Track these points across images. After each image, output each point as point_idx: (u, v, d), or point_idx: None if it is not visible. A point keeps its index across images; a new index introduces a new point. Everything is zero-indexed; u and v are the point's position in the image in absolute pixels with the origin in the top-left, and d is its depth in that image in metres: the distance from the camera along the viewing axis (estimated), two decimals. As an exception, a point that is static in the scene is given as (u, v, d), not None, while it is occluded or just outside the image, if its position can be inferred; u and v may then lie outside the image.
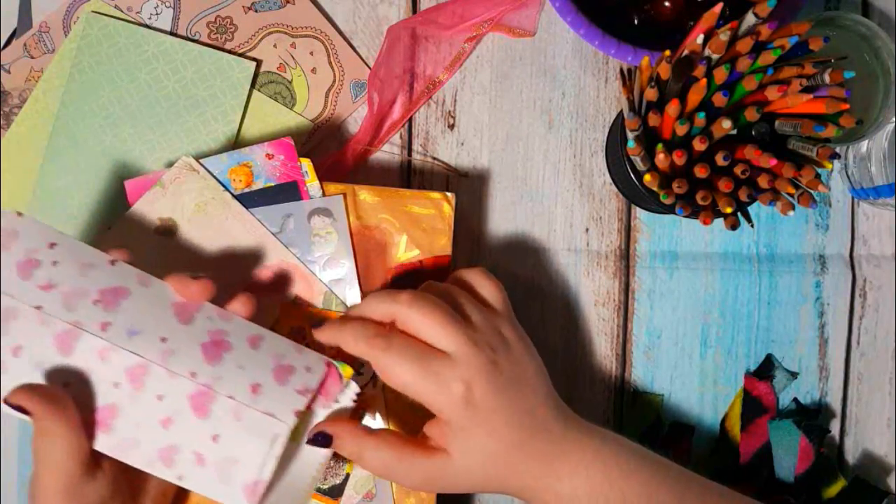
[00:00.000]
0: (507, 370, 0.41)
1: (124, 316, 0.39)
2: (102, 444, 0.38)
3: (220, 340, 0.40)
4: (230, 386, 0.39)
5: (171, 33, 0.51)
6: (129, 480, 0.40)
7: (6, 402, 0.36)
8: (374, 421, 0.48)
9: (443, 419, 0.41)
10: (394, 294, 0.41)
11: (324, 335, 0.42)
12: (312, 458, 0.41)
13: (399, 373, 0.40)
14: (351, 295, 0.47)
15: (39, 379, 0.37)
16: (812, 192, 0.40)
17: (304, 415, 0.41)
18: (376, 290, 0.45)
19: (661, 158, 0.41)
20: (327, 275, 0.47)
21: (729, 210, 0.41)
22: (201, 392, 0.39)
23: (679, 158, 0.40)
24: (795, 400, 0.54)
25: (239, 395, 0.39)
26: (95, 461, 0.38)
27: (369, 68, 0.52)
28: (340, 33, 0.52)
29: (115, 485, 0.39)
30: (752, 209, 0.44)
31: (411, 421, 0.48)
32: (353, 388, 0.43)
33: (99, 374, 0.38)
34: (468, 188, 0.53)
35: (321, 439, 0.41)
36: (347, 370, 0.42)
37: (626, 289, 0.54)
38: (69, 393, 0.37)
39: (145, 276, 0.40)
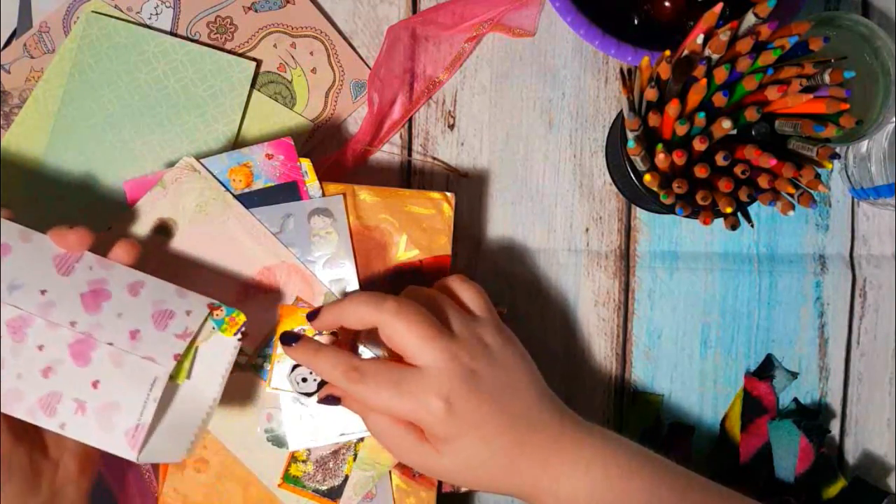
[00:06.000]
0: (489, 377, 0.41)
1: (5, 272, 0.40)
2: None
3: (99, 290, 0.41)
4: (109, 333, 0.40)
5: (171, 33, 0.51)
6: (34, 433, 0.40)
7: None
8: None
9: (431, 432, 0.41)
10: (378, 300, 0.41)
11: (297, 355, 0.43)
12: (200, 401, 0.42)
13: (378, 400, 0.41)
14: (351, 295, 0.47)
15: None
16: (812, 192, 0.40)
17: (186, 356, 0.42)
18: (358, 291, 0.45)
19: (661, 158, 0.41)
20: (327, 275, 0.47)
21: (729, 210, 0.41)
22: (80, 340, 0.40)
23: (679, 158, 0.40)
24: (795, 400, 0.54)
25: (118, 342, 0.40)
26: None
27: (369, 68, 0.52)
28: (340, 33, 0.52)
29: (13, 435, 0.39)
30: (752, 209, 0.44)
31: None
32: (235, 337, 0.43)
33: None
34: (468, 188, 0.53)
35: (330, 400, 0.43)
36: (241, 317, 0.43)
37: (626, 289, 0.54)
38: None
39: (27, 231, 0.41)
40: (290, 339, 0.44)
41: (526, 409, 0.42)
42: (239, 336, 0.43)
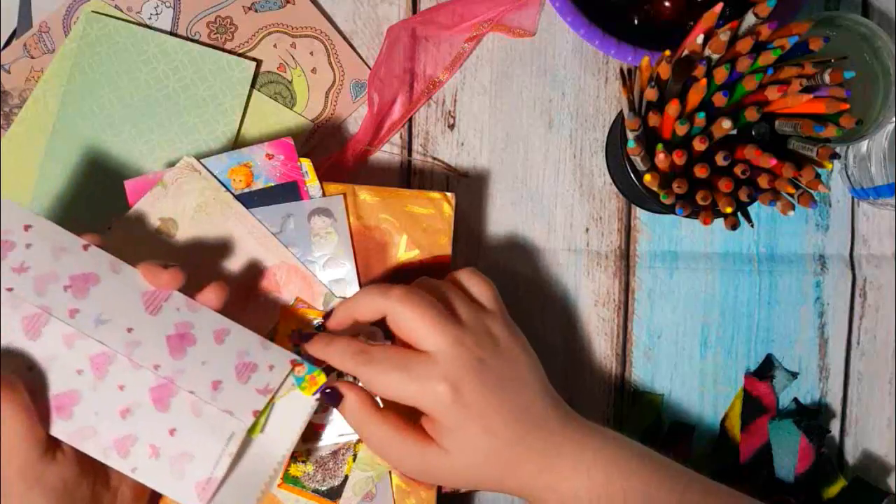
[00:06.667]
0: (496, 368, 0.41)
1: (93, 303, 0.39)
2: (60, 429, 0.38)
3: (185, 333, 0.40)
4: (192, 381, 0.40)
5: (171, 33, 0.51)
6: (98, 465, 0.40)
7: None
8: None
9: (435, 419, 0.41)
10: (385, 290, 0.42)
11: (312, 349, 0.44)
12: (270, 456, 0.41)
13: (384, 383, 0.41)
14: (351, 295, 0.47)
15: (4, 360, 0.38)
16: (812, 192, 0.40)
17: (263, 411, 0.41)
18: (369, 284, 0.46)
19: (661, 158, 0.41)
20: (327, 275, 0.47)
21: (729, 210, 0.41)
22: (162, 385, 0.39)
23: (679, 158, 0.40)
24: (795, 400, 0.54)
25: (199, 391, 0.40)
26: (55, 445, 0.38)
27: (369, 68, 0.52)
28: (340, 33, 0.52)
29: (80, 468, 0.39)
30: (752, 209, 0.44)
31: (409, 410, 0.47)
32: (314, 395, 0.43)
33: (63, 360, 0.38)
34: (468, 188, 0.53)
35: (331, 396, 0.42)
36: (322, 377, 0.42)
37: (626, 289, 0.54)
38: (32, 377, 0.38)
39: (117, 262, 0.40)
40: (304, 336, 0.44)
41: (530, 404, 0.42)
42: (317, 396, 0.42)
